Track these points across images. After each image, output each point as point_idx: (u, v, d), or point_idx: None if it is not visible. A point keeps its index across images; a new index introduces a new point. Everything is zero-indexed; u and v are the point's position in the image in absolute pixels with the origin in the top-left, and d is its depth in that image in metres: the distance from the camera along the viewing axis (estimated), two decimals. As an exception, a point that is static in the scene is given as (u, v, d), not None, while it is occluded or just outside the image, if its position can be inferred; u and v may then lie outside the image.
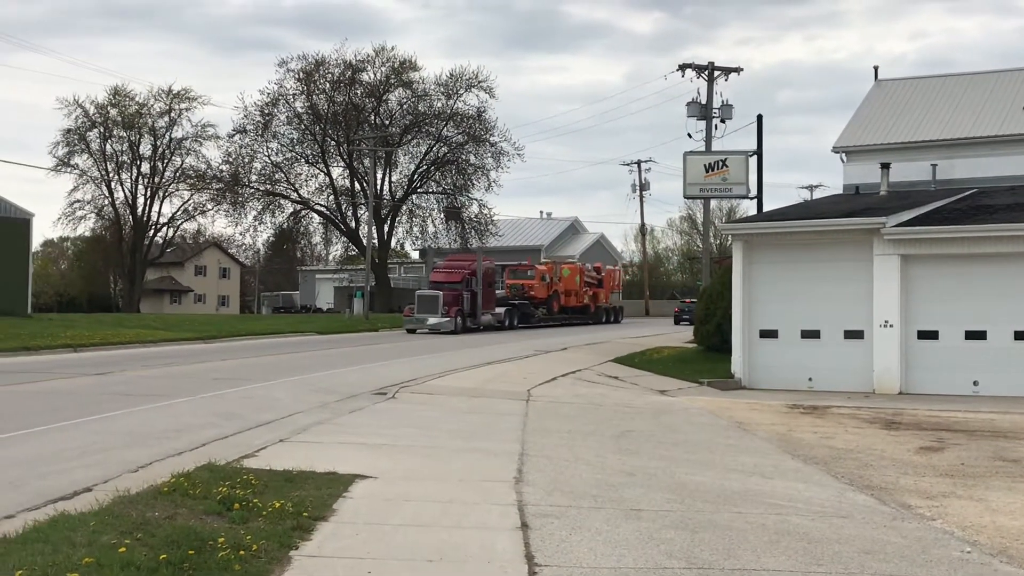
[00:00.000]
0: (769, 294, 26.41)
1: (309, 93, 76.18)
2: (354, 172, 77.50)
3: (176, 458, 12.92)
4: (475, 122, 76.17)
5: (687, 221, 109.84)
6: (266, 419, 17.43)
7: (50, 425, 16.12)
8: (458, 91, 76.54)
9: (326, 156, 77.54)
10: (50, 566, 7.10)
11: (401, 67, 76.84)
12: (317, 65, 76.08)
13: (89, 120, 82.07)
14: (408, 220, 79.54)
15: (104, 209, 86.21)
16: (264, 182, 77.44)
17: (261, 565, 7.89)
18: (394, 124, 76.98)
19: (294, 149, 77.54)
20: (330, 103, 76.28)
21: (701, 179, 38.20)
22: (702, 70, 46.43)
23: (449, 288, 52.51)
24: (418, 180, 78.35)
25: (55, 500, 10.15)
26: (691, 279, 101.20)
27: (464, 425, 17.89)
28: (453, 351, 36.77)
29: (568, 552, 8.94)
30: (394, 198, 77.99)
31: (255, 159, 77.22)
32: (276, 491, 10.52)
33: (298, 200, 78.64)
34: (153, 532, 8.41)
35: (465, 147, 76.87)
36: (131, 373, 26.11)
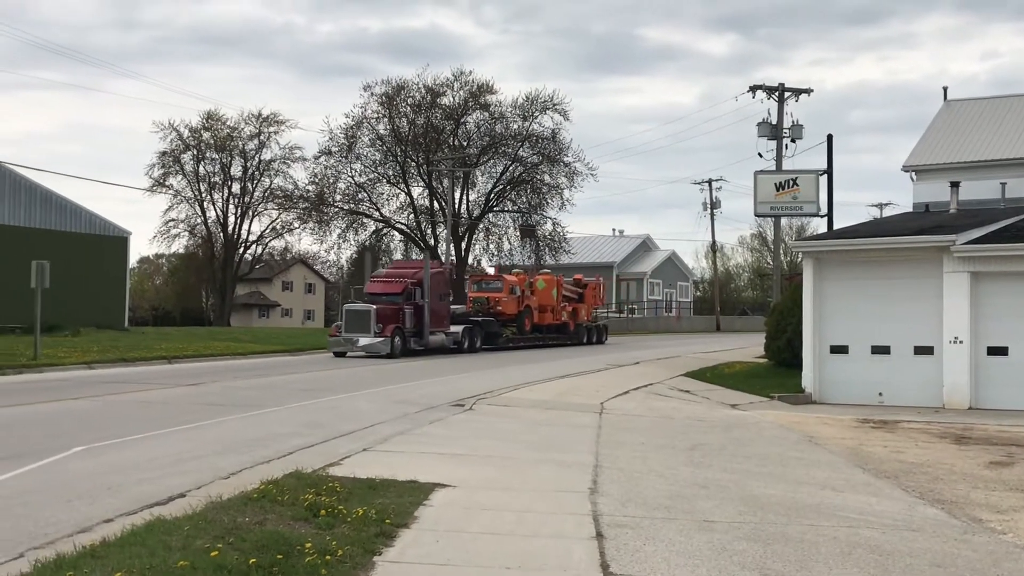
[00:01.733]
0: (839, 310, 26.05)
1: (391, 116, 76.69)
2: (433, 192, 77.90)
3: (265, 466, 13.04)
4: (550, 143, 76.14)
5: (757, 238, 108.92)
6: (349, 429, 17.53)
7: (147, 433, 16.37)
8: (534, 113, 76.60)
9: (407, 176, 78.03)
10: (147, 569, 7.19)
11: (479, 91, 77.11)
12: (399, 89, 76.59)
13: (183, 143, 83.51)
14: (485, 237, 79.70)
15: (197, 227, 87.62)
16: (348, 201, 78.08)
17: (346, 570, 7.94)
18: (472, 145, 77.24)
19: (376, 170, 78.08)
20: (411, 125, 76.74)
21: (772, 198, 37.88)
22: (772, 91, 46.06)
23: (387, 301, 41.64)
24: (494, 199, 78.52)
25: (151, 505, 10.29)
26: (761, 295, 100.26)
27: (539, 436, 17.86)
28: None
29: (643, 562, 8.87)
30: (471, 216, 78.22)
31: (339, 179, 77.83)
32: (360, 498, 10.58)
33: (380, 219, 79.21)
34: (244, 537, 8.48)
35: (540, 167, 76.84)
36: (222, 384, 26.44)
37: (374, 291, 42.95)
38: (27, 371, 29.35)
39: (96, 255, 53.76)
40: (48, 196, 53.02)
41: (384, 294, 42.33)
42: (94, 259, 53.29)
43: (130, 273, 64.17)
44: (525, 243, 78.08)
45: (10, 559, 8.00)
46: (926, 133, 37.53)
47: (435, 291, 43.60)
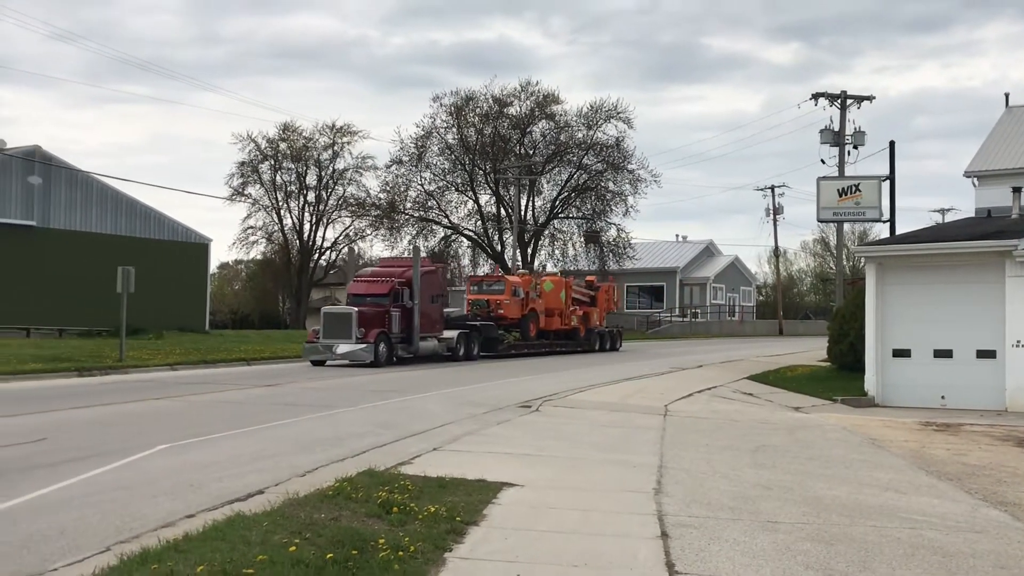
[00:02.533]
0: (902, 314, 25.65)
1: (460, 126, 77.05)
2: (500, 199, 78.10)
3: (339, 464, 13.13)
4: (614, 151, 75.99)
5: (820, 243, 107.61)
6: (419, 429, 17.60)
7: (226, 432, 16.56)
8: (598, 122, 76.53)
9: (474, 184, 78.36)
10: (228, 563, 7.26)
11: (545, 100, 77.18)
12: (467, 100, 76.94)
13: (261, 153, 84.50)
14: (550, 243, 79.75)
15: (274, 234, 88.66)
16: (418, 209, 78.62)
17: (418, 565, 7.96)
18: (538, 154, 77.29)
19: (445, 178, 78.56)
20: (479, 135, 77.02)
21: (834, 203, 37.44)
22: (835, 99, 45.51)
23: (371, 303, 36.38)
24: (559, 206, 78.54)
25: (231, 501, 10.40)
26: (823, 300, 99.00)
27: (605, 437, 17.79)
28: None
29: (707, 561, 8.80)
30: (537, 223, 78.30)
31: (410, 188, 78.46)
32: (431, 496, 10.61)
33: (448, 225, 79.64)
34: (320, 532, 8.55)
35: (604, 174, 76.74)
36: (298, 385, 26.68)
37: (357, 292, 37.77)
38: (113, 372, 29.87)
39: (179, 261, 54.66)
40: (134, 205, 54.00)
41: (368, 295, 37.00)
42: (177, 265, 54.19)
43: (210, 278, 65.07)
44: (589, 249, 77.98)
45: (98, 552, 8.13)
46: (988, 139, 36.92)
47: (426, 292, 38.32)
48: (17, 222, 49.19)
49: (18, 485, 11.10)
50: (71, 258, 49.37)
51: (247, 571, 7.04)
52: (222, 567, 7.10)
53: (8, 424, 16.71)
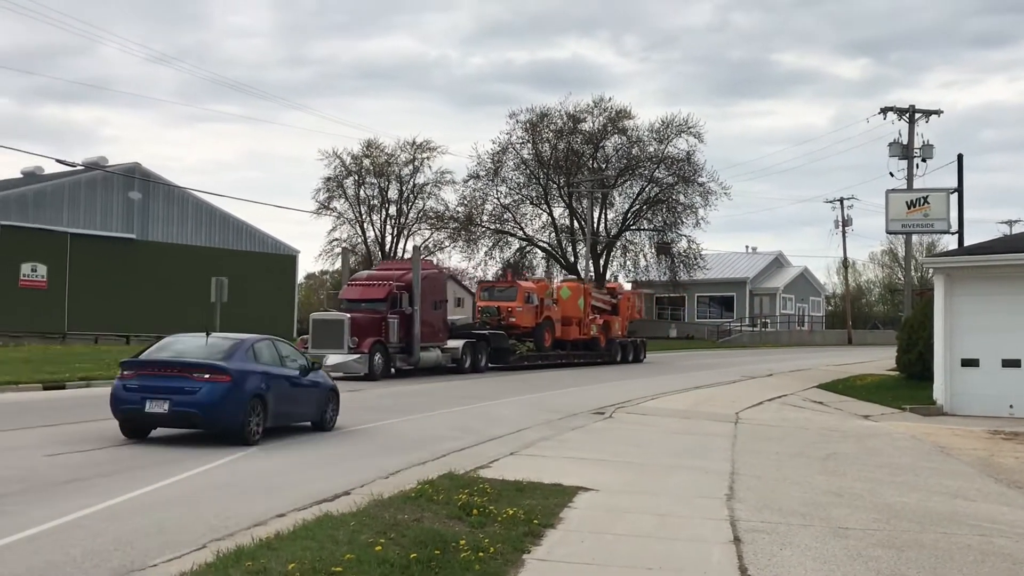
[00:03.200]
0: (970, 324, 25.10)
1: (534, 141, 77.18)
2: (573, 212, 78.03)
3: (421, 467, 13.20)
4: (685, 164, 75.49)
5: (888, 255, 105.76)
6: (497, 433, 17.64)
7: (315, 434, 16.76)
8: (669, 136, 76.09)
9: (548, 198, 78.41)
10: (317, 561, 7.33)
11: (617, 116, 76.95)
12: (542, 116, 77.01)
13: (345, 169, 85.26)
14: (622, 255, 79.40)
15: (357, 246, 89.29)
16: (494, 222, 78.88)
17: (498, 566, 7.98)
18: (610, 168, 77.10)
19: (520, 192, 78.71)
20: (553, 150, 77.07)
21: (903, 215, 36.78)
22: (903, 113, 44.74)
23: (367, 309, 32.37)
24: (631, 218, 78.22)
25: (320, 501, 10.49)
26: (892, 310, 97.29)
27: (677, 444, 17.68)
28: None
29: (779, 565, 8.71)
30: (609, 235, 78.06)
31: (486, 201, 78.72)
32: (508, 499, 10.62)
33: (523, 237, 79.75)
34: (404, 533, 8.60)
35: (675, 187, 76.24)
36: (382, 390, 26.90)
37: (351, 297, 33.46)
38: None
39: (269, 272, 55.47)
40: (226, 219, 54.93)
41: (364, 300, 32.86)
42: (267, 275, 55.00)
43: (298, 288, 65.88)
44: (661, 260, 77.52)
45: (194, 549, 8.25)
46: (1057, 151, 36.00)
47: (428, 297, 33.91)
48: (118, 235, 50.31)
49: (121, 484, 11.33)
50: (168, 269, 50.34)
51: (336, 569, 7.10)
52: (312, 565, 7.16)
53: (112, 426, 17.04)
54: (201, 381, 15.00)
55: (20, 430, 16.40)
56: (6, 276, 45.89)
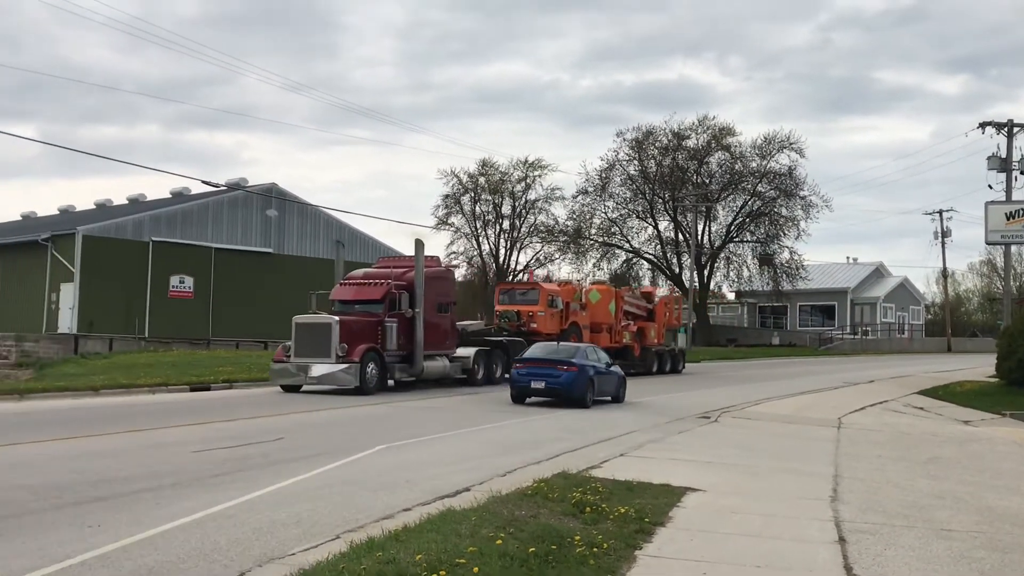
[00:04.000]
0: (1072, 333, 24.14)
1: (640, 158, 76.92)
2: (678, 225, 77.47)
3: (535, 466, 13.21)
4: (787, 178, 74.31)
5: (987, 265, 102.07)
6: (607, 436, 17.57)
7: (436, 435, 16.92)
8: (771, 152, 75.05)
9: (654, 212, 78.00)
10: (443, 552, 7.38)
11: (721, 133, 76.20)
12: (648, 134, 76.73)
13: (463, 187, 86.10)
14: (725, 266, 78.45)
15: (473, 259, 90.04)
16: (601, 235, 78.83)
17: (611, 562, 7.94)
18: (713, 182, 76.31)
19: (627, 206, 78.46)
20: (658, 166, 76.68)
21: (1002, 226, 35.67)
22: (1001, 127, 43.21)
23: (361, 311, 26.95)
24: (734, 231, 77.23)
25: (442, 497, 10.57)
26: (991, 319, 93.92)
27: (781, 447, 17.37)
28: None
29: (884, 565, 8.48)
30: (713, 247, 77.21)
31: (594, 216, 78.74)
32: (620, 498, 10.56)
33: (630, 249, 79.47)
34: (522, 528, 8.61)
35: (777, 201, 75.09)
36: (497, 394, 27.00)
37: (344, 298, 27.75)
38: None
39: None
40: (354, 233, 55.93)
41: (358, 302, 27.31)
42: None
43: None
44: (763, 271, 76.33)
45: (329, 540, 8.39)
46: None
47: (433, 298, 28.35)
48: (257, 249, 51.71)
49: (259, 478, 11.59)
50: (301, 279, 51.38)
51: (459, 561, 7.14)
52: (437, 556, 7.22)
53: (251, 425, 17.49)
54: (561, 370, 23.31)
55: (170, 428, 16.94)
56: (157, 287, 47.59)
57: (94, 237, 46.54)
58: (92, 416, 18.82)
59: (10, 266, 51.09)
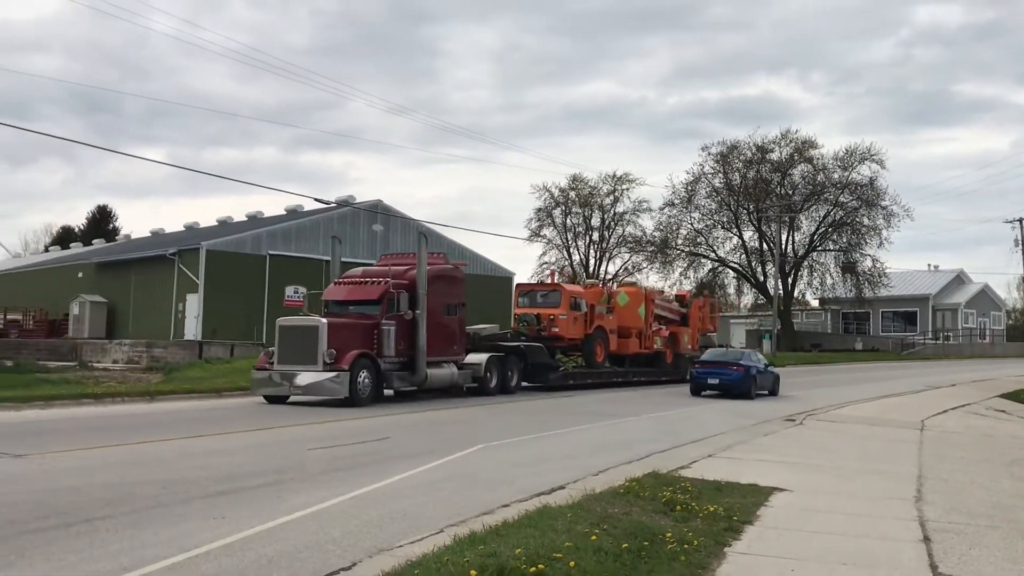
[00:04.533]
0: None
1: (725, 171, 76.13)
2: (762, 235, 76.34)
3: (626, 466, 13.12)
4: (868, 189, 72.70)
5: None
6: (695, 437, 17.38)
7: (530, 436, 16.92)
8: (853, 164, 73.52)
9: (739, 222, 77.06)
10: (540, 547, 7.36)
11: (803, 146, 74.98)
12: (731, 148, 75.96)
13: (554, 200, 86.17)
14: (808, 273, 77.01)
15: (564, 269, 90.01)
16: (688, 245, 78.22)
17: (701, 558, 7.84)
18: (796, 193, 75.04)
19: (712, 217, 77.67)
20: (742, 179, 75.78)
21: (1084, 233, 34.29)
22: (1084, 135, 41.72)
23: (356, 313, 23.45)
24: (817, 240, 75.77)
25: (538, 494, 10.54)
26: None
27: (865, 449, 16.95)
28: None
29: (968, 564, 8.21)
30: (796, 255, 75.90)
31: (680, 227, 78.13)
32: (708, 497, 10.42)
33: (715, 259, 78.60)
34: (615, 524, 8.55)
35: (859, 211, 73.48)
36: (584, 397, 26.93)
37: (336, 298, 24.30)
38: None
39: (488, 292, 56.51)
40: (452, 245, 56.39)
41: (352, 302, 23.81)
42: (487, 295, 56.01)
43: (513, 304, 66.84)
44: (846, 278, 74.74)
45: (433, 533, 8.45)
46: None
47: (439, 299, 24.77)
48: (363, 261, 52.25)
49: (368, 475, 11.72)
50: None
51: (556, 555, 7.12)
52: (536, 551, 7.20)
53: (359, 425, 17.74)
54: (731, 370, 28.32)
55: (285, 427, 17.27)
56: (274, 297, 48.64)
57: (216, 251, 47.83)
58: (215, 416, 19.31)
59: (141, 279, 52.77)
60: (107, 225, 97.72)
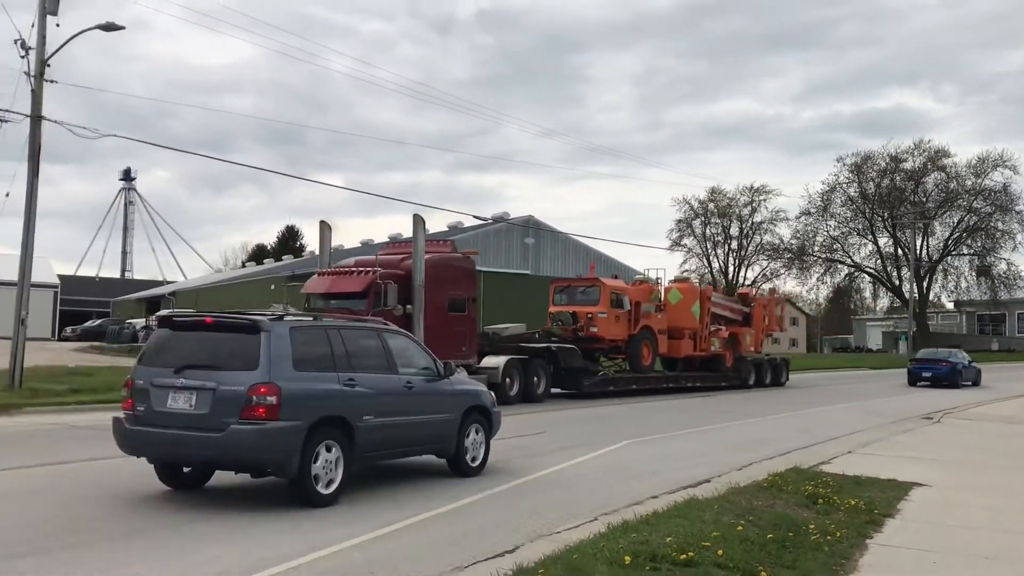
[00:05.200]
0: None
1: (860, 181, 73.75)
2: (897, 241, 73.35)
3: (768, 461, 12.79)
4: (1002, 195, 68.85)
5: None
6: (833, 435, 16.79)
7: (673, 433, 16.72)
8: (986, 171, 69.86)
9: (874, 229, 74.40)
10: (689, 536, 7.26)
11: (936, 155, 71.75)
12: (865, 159, 73.59)
13: (693, 212, 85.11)
14: (943, 277, 73.52)
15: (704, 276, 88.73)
16: (824, 251, 75.96)
17: (844, 548, 7.56)
18: (930, 200, 71.74)
19: (848, 225, 75.37)
20: (877, 187, 73.18)
21: None
22: None
23: (338, 307, 19.11)
24: (951, 245, 72.18)
25: (685, 487, 10.39)
26: None
27: (1006, 446, 15.99)
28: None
29: (1118, 563, 7.61)
30: (931, 260, 72.47)
31: (816, 234, 76.12)
32: (849, 491, 10.03)
33: (851, 264, 76.07)
34: (759, 516, 8.33)
35: (992, 216, 69.64)
36: (724, 396, 26.39)
37: (317, 290, 20.24)
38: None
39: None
40: (599, 256, 56.34)
41: (334, 295, 19.67)
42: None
43: (656, 311, 66.15)
44: (980, 282, 70.92)
45: (588, 520, 8.43)
46: None
47: (441, 292, 20.42)
48: (518, 271, 53.03)
49: (525, 467, 11.81)
50: (555, 297, 52.35)
51: (705, 544, 7.00)
52: (685, 539, 7.09)
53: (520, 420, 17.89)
54: (941, 365, 34.13)
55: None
56: (437, 305, 49.77)
57: (388, 265, 49.22)
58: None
59: (324, 290, 54.75)
60: (295, 243, 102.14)
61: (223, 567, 6.67)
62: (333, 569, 6.68)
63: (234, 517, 8.35)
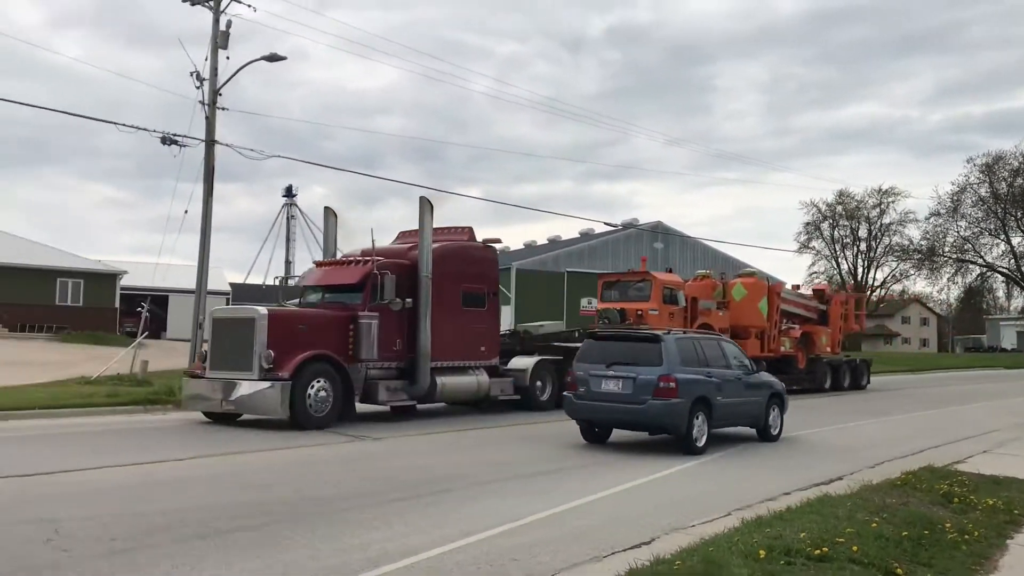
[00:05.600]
0: None
1: (991, 181, 69.76)
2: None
3: (900, 460, 12.26)
4: None
5: None
6: (967, 434, 15.94)
7: (804, 432, 16.20)
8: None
9: (1006, 228, 70.18)
10: (823, 531, 7.03)
11: (1071, 153, 67.10)
12: (997, 159, 69.55)
13: (821, 215, 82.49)
14: (1082, 276, 68.65)
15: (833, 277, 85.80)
16: (954, 252, 72.20)
17: (982, 548, 7.18)
18: (1067, 198, 67.21)
19: (979, 225, 71.35)
20: (1009, 187, 69.00)
21: None
22: None
23: (331, 301, 15.99)
24: (1091, 243, 67.38)
25: (817, 484, 10.07)
26: None
27: None
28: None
29: None
30: (1068, 258, 67.84)
31: (947, 235, 72.47)
32: (986, 491, 9.51)
33: (983, 264, 71.96)
34: (893, 514, 8.00)
35: None
36: (857, 395, 25.31)
37: (312, 283, 17.06)
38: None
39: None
40: (727, 259, 55.23)
41: (329, 287, 16.48)
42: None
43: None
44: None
45: (722, 515, 8.27)
46: None
47: (454, 284, 17.05)
48: (646, 275, 52.60)
49: (650, 463, 11.61)
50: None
51: (839, 539, 6.77)
52: (819, 535, 6.87)
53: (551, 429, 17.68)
54: None
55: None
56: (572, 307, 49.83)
57: (524, 270, 49.69)
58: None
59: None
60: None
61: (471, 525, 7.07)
62: (497, 548, 6.78)
63: (496, 483, 9.12)
